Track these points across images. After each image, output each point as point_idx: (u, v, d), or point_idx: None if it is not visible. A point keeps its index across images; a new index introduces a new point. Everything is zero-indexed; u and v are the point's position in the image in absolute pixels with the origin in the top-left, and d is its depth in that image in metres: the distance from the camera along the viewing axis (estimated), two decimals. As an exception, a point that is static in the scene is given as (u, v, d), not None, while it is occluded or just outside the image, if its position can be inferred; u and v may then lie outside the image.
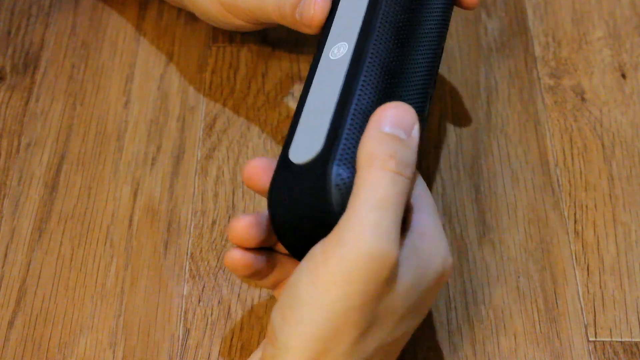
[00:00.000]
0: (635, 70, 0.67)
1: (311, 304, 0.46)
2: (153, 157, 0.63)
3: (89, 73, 0.67)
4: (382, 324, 0.48)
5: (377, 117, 0.48)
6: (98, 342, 0.56)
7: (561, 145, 0.64)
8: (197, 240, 0.60)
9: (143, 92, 0.66)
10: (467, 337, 0.56)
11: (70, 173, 0.62)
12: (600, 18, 0.70)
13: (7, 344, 0.56)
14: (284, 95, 0.66)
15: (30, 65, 0.68)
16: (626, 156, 0.63)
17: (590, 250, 0.59)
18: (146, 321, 0.56)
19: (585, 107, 0.65)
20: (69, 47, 0.69)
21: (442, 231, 0.50)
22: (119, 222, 0.60)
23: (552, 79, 0.67)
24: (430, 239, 0.49)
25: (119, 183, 0.62)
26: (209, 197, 0.61)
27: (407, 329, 0.49)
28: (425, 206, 0.50)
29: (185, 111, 0.65)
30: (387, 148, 0.48)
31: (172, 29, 0.70)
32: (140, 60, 0.68)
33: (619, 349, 0.55)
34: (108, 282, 0.58)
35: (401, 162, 0.47)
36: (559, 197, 0.61)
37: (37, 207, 0.61)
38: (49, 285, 0.58)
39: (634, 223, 0.60)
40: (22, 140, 0.64)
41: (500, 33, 0.69)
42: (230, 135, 0.64)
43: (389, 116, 0.48)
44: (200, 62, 0.68)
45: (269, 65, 0.68)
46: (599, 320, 0.56)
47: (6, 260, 0.59)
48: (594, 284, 0.58)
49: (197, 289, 0.58)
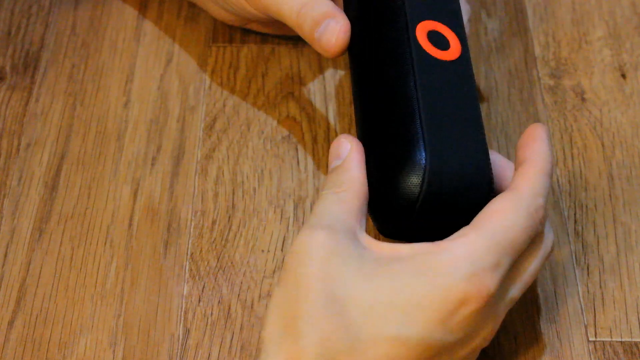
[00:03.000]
0: (635, 70, 0.67)
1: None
2: (153, 157, 0.63)
3: (89, 73, 0.67)
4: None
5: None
6: (98, 342, 0.56)
7: (561, 145, 0.64)
8: (197, 240, 0.60)
9: (143, 92, 0.66)
10: (467, 337, 0.56)
11: (70, 173, 0.62)
12: (600, 18, 0.70)
13: (7, 344, 0.56)
14: (284, 95, 0.66)
15: (30, 65, 0.68)
16: (626, 156, 0.63)
17: (590, 250, 0.59)
18: (146, 321, 0.56)
19: (585, 107, 0.65)
20: (69, 47, 0.69)
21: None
22: (119, 222, 0.60)
23: (552, 79, 0.67)
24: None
25: (119, 183, 0.62)
26: (209, 197, 0.61)
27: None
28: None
29: (185, 111, 0.65)
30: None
31: (172, 29, 0.70)
32: (140, 60, 0.68)
33: (619, 349, 0.55)
34: (108, 282, 0.58)
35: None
36: (558, 197, 0.61)
37: (37, 207, 0.61)
38: (49, 285, 0.58)
39: (634, 223, 0.60)
40: (22, 140, 0.64)
41: (500, 33, 0.69)
42: (230, 135, 0.64)
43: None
44: (200, 62, 0.68)
45: (269, 65, 0.68)
46: (599, 320, 0.56)
47: (6, 260, 0.59)
48: (593, 284, 0.58)
49: (197, 289, 0.58)
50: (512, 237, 0.48)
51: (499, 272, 0.48)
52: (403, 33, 0.54)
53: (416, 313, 0.47)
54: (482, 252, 0.48)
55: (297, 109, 0.65)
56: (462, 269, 0.47)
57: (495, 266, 0.47)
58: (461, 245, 0.48)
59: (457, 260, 0.47)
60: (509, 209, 0.49)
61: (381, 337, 0.46)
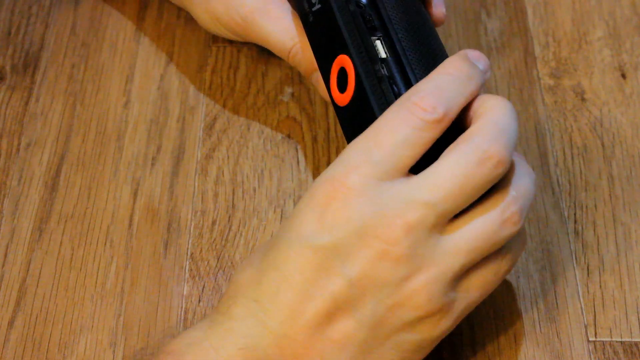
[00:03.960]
0: (635, 70, 0.67)
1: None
2: (153, 157, 0.63)
3: (89, 73, 0.67)
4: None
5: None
6: (98, 342, 0.56)
7: (561, 145, 0.64)
8: (197, 240, 0.60)
9: (143, 92, 0.66)
10: (467, 337, 0.56)
11: (70, 173, 0.62)
12: (600, 18, 0.70)
13: (7, 344, 0.56)
14: (284, 95, 0.66)
15: (30, 65, 0.68)
16: (626, 156, 0.63)
17: (590, 250, 0.59)
18: (146, 321, 0.56)
19: (585, 107, 0.65)
20: (69, 47, 0.69)
21: None
22: (119, 222, 0.60)
23: (552, 79, 0.67)
24: None
25: (119, 183, 0.62)
26: (209, 197, 0.61)
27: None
28: None
29: (185, 111, 0.65)
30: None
31: (172, 29, 0.70)
32: (140, 60, 0.68)
33: (619, 349, 0.55)
34: (108, 282, 0.58)
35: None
36: (558, 197, 0.61)
37: (37, 207, 0.61)
38: (49, 285, 0.58)
39: (634, 223, 0.60)
40: (22, 140, 0.64)
41: (500, 33, 0.69)
42: (230, 135, 0.64)
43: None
44: (200, 62, 0.68)
45: (269, 65, 0.68)
46: (599, 320, 0.56)
47: (6, 260, 0.59)
48: (594, 284, 0.58)
49: (197, 289, 0.58)
50: (380, 138, 0.49)
51: (364, 169, 0.48)
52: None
53: (302, 216, 0.49)
54: (350, 153, 0.49)
55: (297, 109, 0.65)
56: (330, 169, 0.49)
57: (360, 163, 0.48)
58: (346, 149, 0.49)
59: (335, 162, 0.49)
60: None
61: (295, 244, 0.49)
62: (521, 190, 0.49)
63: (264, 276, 0.49)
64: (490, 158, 0.48)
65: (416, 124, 0.48)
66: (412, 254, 0.47)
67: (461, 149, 0.48)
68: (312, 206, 0.48)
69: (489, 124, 0.49)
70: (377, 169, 0.48)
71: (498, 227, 0.48)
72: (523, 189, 0.50)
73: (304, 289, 0.48)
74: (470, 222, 0.48)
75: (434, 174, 0.48)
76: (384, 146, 0.48)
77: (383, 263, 0.47)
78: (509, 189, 0.49)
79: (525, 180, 0.50)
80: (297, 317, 0.48)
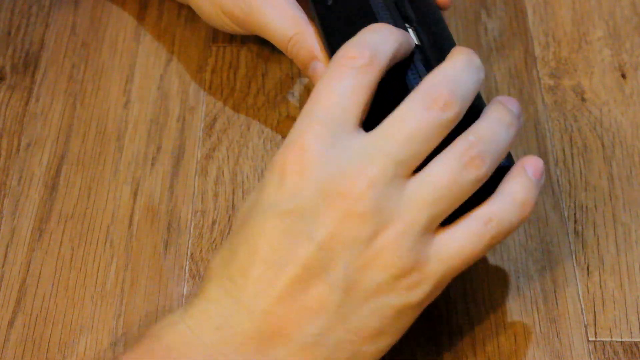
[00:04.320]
0: (635, 70, 0.67)
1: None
2: (153, 157, 0.63)
3: (89, 73, 0.67)
4: None
5: None
6: (98, 342, 0.56)
7: (561, 145, 0.64)
8: (197, 240, 0.60)
9: (143, 92, 0.66)
10: (467, 337, 0.56)
11: (70, 173, 0.62)
12: (600, 18, 0.70)
13: (7, 344, 0.56)
14: (284, 95, 0.66)
15: (30, 65, 0.68)
16: (626, 156, 0.63)
17: (590, 250, 0.59)
18: (146, 321, 0.56)
19: (585, 107, 0.65)
20: (69, 47, 0.69)
21: None
22: (119, 222, 0.60)
23: (552, 79, 0.67)
24: None
25: (119, 183, 0.62)
26: (209, 197, 0.61)
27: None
28: None
29: (185, 111, 0.65)
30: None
31: (172, 29, 0.70)
32: (140, 60, 0.68)
33: (619, 349, 0.55)
34: (108, 282, 0.58)
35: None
36: (558, 197, 0.61)
37: (37, 207, 0.61)
38: (49, 285, 0.58)
39: (634, 223, 0.60)
40: (22, 140, 0.64)
41: (500, 33, 0.69)
42: (230, 135, 0.64)
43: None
44: (200, 62, 0.68)
45: (269, 65, 0.68)
46: (599, 320, 0.56)
47: (6, 260, 0.59)
48: (594, 284, 0.58)
49: (197, 289, 0.58)
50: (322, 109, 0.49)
51: (315, 128, 0.48)
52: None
53: (263, 187, 0.49)
54: (299, 120, 0.49)
55: (297, 109, 0.65)
56: (285, 140, 0.49)
57: (309, 124, 0.48)
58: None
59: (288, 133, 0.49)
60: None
61: (260, 215, 0.49)
62: (481, 134, 0.49)
63: (235, 253, 0.49)
64: (435, 101, 0.48)
65: (348, 73, 0.49)
66: (377, 208, 0.47)
67: (410, 97, 0.49)
68: (271, 174, 0.49)
69: (439, 72, 0.49)
70: (328, 125, 0.48)
71: (458, 173, 0.48)
72: (483, 133, 0.49)
73: (273, 258, 0.48)
74: (431, 171, 0.48)
75: (387, 125, 0.48)
76: (326, 103, 0.49)
77: (349, 221, 0.47)
78: (467, 135, 0.49)
79: (491, 125, 0.50)
80: (270, 289, 0.48)
